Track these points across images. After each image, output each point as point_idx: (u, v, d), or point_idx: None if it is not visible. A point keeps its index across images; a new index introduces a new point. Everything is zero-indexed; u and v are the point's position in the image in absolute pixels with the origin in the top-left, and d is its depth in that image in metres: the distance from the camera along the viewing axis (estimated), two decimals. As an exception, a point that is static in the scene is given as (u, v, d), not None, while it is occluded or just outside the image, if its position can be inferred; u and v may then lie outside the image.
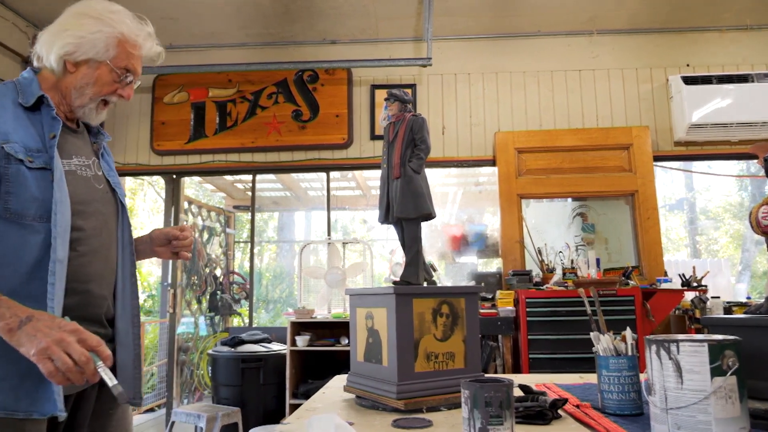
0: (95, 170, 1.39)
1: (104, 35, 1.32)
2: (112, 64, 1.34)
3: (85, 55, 1.32)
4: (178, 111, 4.80)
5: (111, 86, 1.36)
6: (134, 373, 1.39)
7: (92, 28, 1.32)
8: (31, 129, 1.25)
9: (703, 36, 4.64)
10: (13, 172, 1.19)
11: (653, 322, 3.72)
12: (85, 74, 1.33)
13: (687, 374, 0.95)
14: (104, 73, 1.34)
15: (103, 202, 1.38)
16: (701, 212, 12.18)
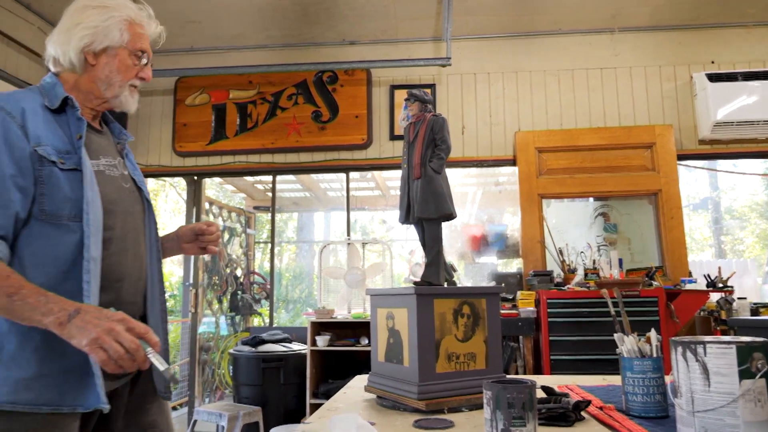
0: (121, 170, 1.41)
1: (115, 20, 1.35)
2: (129, 48, 1.37)
3: (102, 44, 1.34)
4: (199, 113, 4.85)
5: (133, 70, 1.39)
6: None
7: (101, 17, 1.34)
8: (59, 131, 1.27)
9: (727, 32, 4.56)
10: (47, 174, 1.21)
11: (678, 323, 3.66)
12: (106, 63, 1.35)
13: (714, 376, 0.94)
14: (124, 58, 1.36)
15: (131, 201, 1.40)
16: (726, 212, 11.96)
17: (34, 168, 1.21)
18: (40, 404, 1.16)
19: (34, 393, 1.16)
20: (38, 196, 1.21)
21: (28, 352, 1.17)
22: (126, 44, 1.36)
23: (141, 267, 1.40)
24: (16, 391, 1.15)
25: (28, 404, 1.15)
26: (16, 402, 1.15)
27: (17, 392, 1.15)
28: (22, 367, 1.16)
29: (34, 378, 1.16)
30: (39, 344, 1.17)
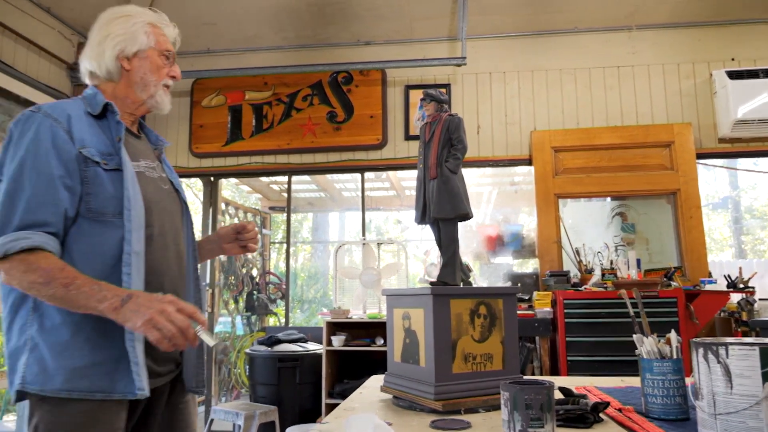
0: (160, 172, 1.51)
1: (139, 26, 1.46)
2: (157, 49, 1.48)
3: (133, 48, 1.44)
4: (215, 114, 4.89)
5: (164, 69, 1.49)
6: (197, 363, 1.49)
7: (127, 24, 1.45)
8: (102, 135, 1.37)
9: (748, 29, 4.49)
10: (92, 174, 1.30)
11: (697, 324, 3.61)
12: (140, 66, 1.46)
13: (737, 379, 0.92)
14: (155, 59, 1.47)
15: (169, 201, 1.49)
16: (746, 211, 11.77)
17: (80, 169, 1.29)
18: (93, 391, 1.24)
19: (88, 381, 1.24)
20: (85, 195, 1.30)
21: (81, 342, 1.25)
22: (154, 46, 1.47)
23: (181, 264, 1.49)
24: (71, 379, 1.23)
25: (82, 391, 1.23)
26: (72, 389, 1.22)
27: (72, 380, 1.23)
28: (75, 357, 1.24)
29: (87, 366, 1.24)
30: (90, 335, 1.25)
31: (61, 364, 1.23)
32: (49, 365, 1.23)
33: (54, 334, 1.25)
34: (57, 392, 1.22)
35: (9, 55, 3.88)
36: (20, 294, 1.27)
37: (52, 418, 1.23)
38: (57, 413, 1.23)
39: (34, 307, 1.26)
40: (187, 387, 1.49)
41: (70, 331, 1.25)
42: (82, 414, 1.23)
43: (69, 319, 1.25)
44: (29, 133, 1.28)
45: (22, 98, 4.03)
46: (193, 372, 1.49)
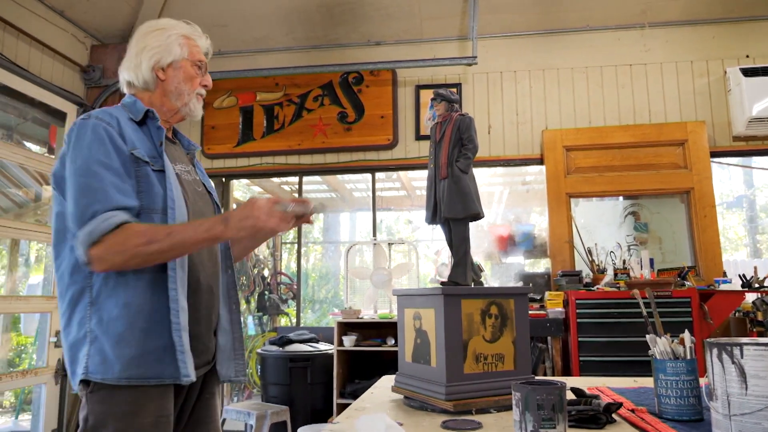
0: (194, 175, 1.60)
1: (174, 38, 1.55)
2: (190, 59, 1.56)
3: (168, 59, 1.53)
4: (227, 115, 4.92)
5: (197, 78, 1.58)
6: (233, 354, 1.57)
7: (162, 37, 1.54)
8: (145, 140, 1.46)
9: (763, 25, 4.43)
10: (143, 173, 1.40)
11: (712, 324, 3.57)
12: (174, 75, 1.54)
13: (752, 379, 0.91)
14: (188, 69, 1.56)
15: (203, 203, 1.58)
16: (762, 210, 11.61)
17: (134, 168, 1.39)
18: (148, 377, 1.33)
19: (143, 368, 1.33)
20: (138, 193, 1.39)
21: (136, 333, 1.33)
22: (187, 57, 1.56)
23: (214, 261, 1.56)
24: (128, 367, 1.31)
25: (138, 378, 1.32)
26: (130, 377, 1.31)
27: (129, 368, 1.31)
28: (132, 346, 1.32)
29: (141, 355, 1.33)
30: (143, 326, 1.34)
31: (118, 353, 1.31)
32: (109, 355, 1.31)
33: (112, 327, 1.33)
34: (117, 380, 1.31)
35: (23, 57, 3.93)
36: (78, 289, 1.35)
37: (103, 408, 1.31)
38: (107, 404, 1.31)
39: (91, 302, 1.34)
40: (224, 377, 1.55)
41: (125, 324, 1.33)
42: (130, 402, 1.31)
43: (125, 312, 1.33)
44: (87, 135, 1.37)
45: (37, 101, 4.07)
46: (229, 362, 1.55)
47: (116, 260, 1.29)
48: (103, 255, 1.28)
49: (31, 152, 4.18)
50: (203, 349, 1.49)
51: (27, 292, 4.88)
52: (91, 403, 1.32)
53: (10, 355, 5.19)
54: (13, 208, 4.54)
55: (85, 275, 1.35)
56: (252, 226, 1.30)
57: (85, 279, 1.35)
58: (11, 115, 4.06)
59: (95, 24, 4.41)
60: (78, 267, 1.36)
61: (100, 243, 1.28)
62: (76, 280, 1.36)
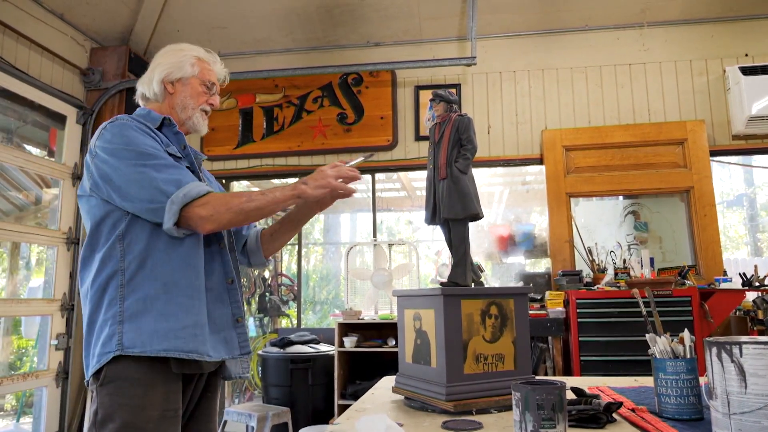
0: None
1: (187, 58, 1.68)
2: (199, 78, 1.68)
3: (177, 75, 1.66)
4: (227, 117, 4.92)
5: (204, 96, 1.69)
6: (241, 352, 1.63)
7: (177, 56, 1.68)
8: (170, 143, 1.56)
9: (762, 24, 4.43)
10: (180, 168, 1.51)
11: (712, 323, 3.57)
12: (182, 90, 1.66)
13: (751, 378, 0.91)
14: (196, 86, 1.67)
15: None
16: (762, 208, 11.60)
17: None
18: (188, 351, 1.41)
19: (182, 341, 1.41)
20: None
21: (174, 308, 1.42)
22: (197, 75, 1.67)
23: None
24: (166, 339, 1.39)
25: (180, 351, 1.40)
26: (169, 349, 1.39)
27: (166, 341, 1.39)
28: (170, 321, 1.41)
29: (182, 329, 1.42)
30: (180, 301, 1.43)
31: (158, 327, 1.40)
32: (149, 329, 1.39)
33: (150, 303, 1.41)
34: (157, 352, 1.38)
35: (23, 61, 3.93)
36: (110, 273, 1.43)
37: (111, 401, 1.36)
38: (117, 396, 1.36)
39: (123, 283, 1.42)
40: (234, 374, 1.63)
41: (166, 299, 1.42)
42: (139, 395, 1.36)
43: (164, 289, 1.43)
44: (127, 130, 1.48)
45: (36, 104, 4.08)
46: (236, 360, 1.61)
47: (225, 217, 1.43)
48: (213, 213, 1.41)
49: (31, 155, 4.18)
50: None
51: (28, 295, 4.88)
52: (101, 396, 1.37)
53: (11, 359, 5.19)
54: (14, 211, 4.55)
55: (116, 260, 1.44)
56: (327, 184, 1.49)
57: (117, 263, 1.43)
58: (11, 118, 4.06)
59: (95, 27, 4.42)
60: (112, 253, 1.44)
61: (202, 205, 1.41)
62: (108, 264, 1.44)
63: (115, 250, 1.44)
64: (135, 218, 1.46)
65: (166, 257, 1.45)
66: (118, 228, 1.45)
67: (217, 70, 1.74)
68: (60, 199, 4.21)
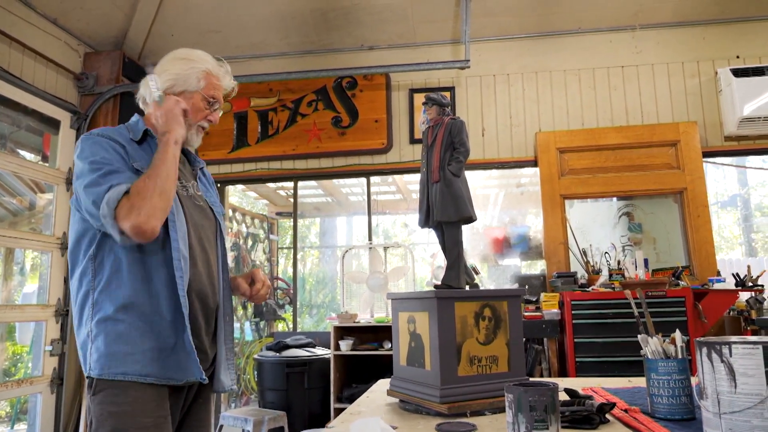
0: (194, 191, 1.65)
1: (195, 71, 1.61)
2: (204, 93, 1.62)
3: (181, 88, 1.60)
4: (221, 121, 4.86)
5: (203, 112, 1.64)
6: (228, 364, 1.62)
7: (185, 67, 1.61)
8: (145, 157, 1.52)
9: (753, 26, 4.47)
10: None
11: (706, 323, 3.58)
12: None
13: (741, 377, 0.92)
14: (197, 102, 1.62)
15: (201, 217, 1.61)
16: (756, 209, 11.66)
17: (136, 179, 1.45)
18: (144, 375, 1.38)
19: (140, 365, 1.38)
20: None
21: (131, 330, 1.40)
22: (201, 90, 1.62)
23: (210, 273, 1.59)
24: (124, 364, 1.38)
25: (134, 375, 1.38)
26: (126, 373, 1.37)
27: (125, 365, 1.37)
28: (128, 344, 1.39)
29: (137, 353, 1.39)
30: (138, 324, 1.40)
31: (115, 350, 1.38)
32: (107, 352, 1.38)
33: (111, 326, 1.40)
34: (114, 375, 1.37)
35: (16, 66, 3.92)
36: (85, 291, 1.44)
37: (103, 408, 1.37)
38: (108, 404, 1.36)
39: (93, 303, 1.42)
40: (224, 386, 1.59)
41: (125, 322, 1.40)
42: (130, 403, 1.36)
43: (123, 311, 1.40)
44: (89, 143, 1.46)
45: (30, 109, 4.07)
46: (226, 372, 1.60)
47: (141, 216, 1.34)
48: (134, 220, 1.33)
49: (25, 160, 4.17)
50: (203, 357, 1.53)
51: (22, 301, 4.86)
52: (94, 404, 1.39)
53: (5, 365, 5.17)
54: (8, 216, 4.54)
55: (89, 278, 1.44)
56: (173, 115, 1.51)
57: (89, 282, 1.44)
58: (5, 123, 4.05)
59: (89, 32, 4.41)
60: (86, 271, 1.45)
61: (122, 208, 1.34)
62: (83, 284, 1.45)
63: (88, 269, 1.45)
64: (105, 237, 1.44)
65: (129, 277, 1.42)
66: (92, 247, 1.45)
67: (225, 84, 1.70)
68: (54, 204, 4.20)
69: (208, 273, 1.58)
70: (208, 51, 1.72)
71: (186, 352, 1.43)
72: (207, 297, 1.55)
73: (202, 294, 1.53)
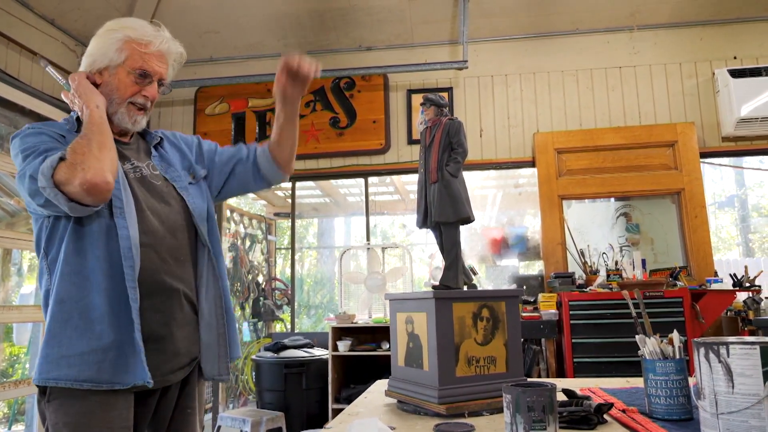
0: (150, 170, 1.51)
1: (111, 42, 1.43)
2: (127, 67, 1.43)
3: (100, 64, 1.44)
4: (219, 122, 4.92)
5: (133, 87, 1.45)
6: (219, 351, 1.50)
7: (103, 40, 1.44)
8: None
9: (750, 27, 4.48)
10: None
11: (703, 324, 3.59)
12: (107, 82, 1.44)
13: (738, 378, 0.92)
14: (122, 77, 1.43)
15: (158, 197, 1.47)
16: (753, 209, 11.69)
17: None
18: (81, 381, 1.27)
19: (76, 370, 1.27)
20: None
21: (69, 331, 1.29)
22: (123, 63, 1.43)
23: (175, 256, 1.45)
24: (58, 368, 1.28)
25: (69, 380, 1.27)
26: (58, 378, 1.27)
27: (59, 369, 1.27)
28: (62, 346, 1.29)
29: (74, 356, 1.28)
30: (77, 323, 1.29)
31: (48, 353, 1.29)
32: (43, 354, 1.29)
33: (49, 327, 1.30)
34: (46, 381, 1.28)
35: (13, 66, 3.91)
36: (45, 291, 1.35)
37: (56, 418, 1.28)
38: (61, 413, 1.27)
39: (45, 304, 1.34)
40: (208, 375, 1.49)
41: (58, 322, 1.30)
42: (83, 412, 1.27)
43: (57, 309, 1.30)
44: (20, 139, 1.36)
45: (27, 109, 4.06)
46: (213, 360, 1.49)
47: (88, 171, 1.23)
48: (81, 176, 1.23)
49: (22, 161, 4.16)
50: (173, 351, 1.41)
51: (19, 302, 4.86)
52: (48, 412, 1.30)
53: (3, 366, 5.16)
54: (5, 217, 4.53)
55: (46, 278, 1.36)
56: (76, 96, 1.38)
57: (47, 281, 1.36)
58: (2, 123, 4.04)
59: (86, 32, 4.40)
60: (43, 270, 1.37)
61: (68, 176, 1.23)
62: (42, 284, 1.37)
63: (44, 269, 1.36)
64: (54, 230, 1.35)
65: (67, 270, 1.31)
66: (42, 243, 1.36)
67: (159, 48, 1.46)
68: (51, 204, 4.19)
69: (175, 258, 1.44)
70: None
71: (134, 351, 1.29)
72: (172, 285, 1.41)
73: (162, 283, 1.39)
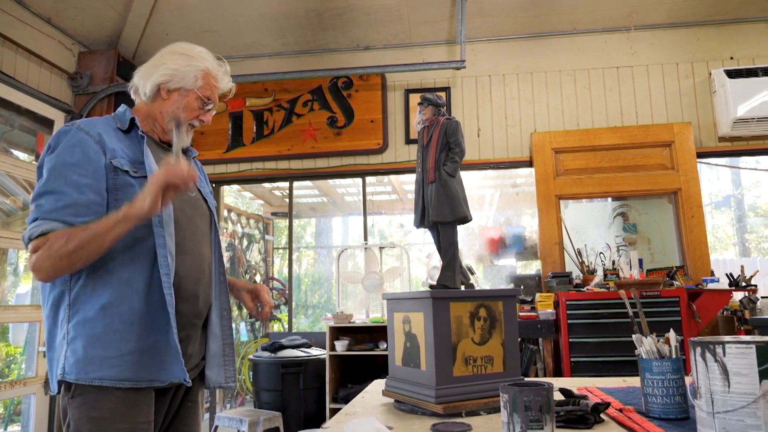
0: None
1: (194, 69, 1.56)
2: (199, 93, 1.56)
3: (177, 84, 1.55)
4: (216, 121, 4.90)
5: (196, 112, 1.58)
6: (223, 360, 1.58)
7: (184, 63, 1.55)
8: (132, 147, 1.49)
9: (747, 27, 4.49)
10: (122, 182, 1.42)
11: (700, 323, 3.60)
12: (176, 101, 1.55)
13: (734, 377, 0.93)
14: (192, 101, 1.56)
15: (192, 208, 1.57)
16: (750, 209, 11.72)
17: (110, 177, 1.41)
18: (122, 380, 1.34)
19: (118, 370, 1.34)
20: (113, 201, 1.39)
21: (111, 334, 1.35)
22: (197, 89, 1.56)
23: (201, 267, 1.55)
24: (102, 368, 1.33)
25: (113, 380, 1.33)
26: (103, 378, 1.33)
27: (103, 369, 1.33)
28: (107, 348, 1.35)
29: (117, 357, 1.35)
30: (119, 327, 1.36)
31: (93, 354, 1.34)
32: (84, 356, 1.33)
33: (89, 328, 1.35)
34: (90, 380, 1.33)
35: (10, 65, 3.90)
36: (59, 293, 1.38)
37: (81, 413, 1.33)
38: (86, 408, 1.32)
39: (69, 304, 1.37)
40: (214, 383, 1.55)
41: (102, 325, 1.35)
42: (109, 408, 1.33)
43: (101, 313, 1.35)
44: (63, 143, 1.41)
45: (24, 108, 4.05)
46: (219, 368, 1.56)
47: (45, 265, 1.31)
48: (36, 263, 1.31)
49: (18, 160, 4.15)
50: (190, 353, 1.51)
51: (15, 302, 4.84)
52: (72, 408, 1.34)
53: (-1, 366, 5.14)
54: (1, 216, 4.51)
55: (64, 279, 1.38)
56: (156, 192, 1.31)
57: (64, 282, 1.38)
58: (-2, 123, 4.03)
59: (83, 31, 4.39)
60: None
61: (32, 252, 1.31)
62: (57, 284, 1.39)
63: None
64: None
65: (107, 277, 1.37)
66: None
67: (223, 85, 1.64)
68: (48, 204, 4.17)
69: (200, 268, 1.53)
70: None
71: (171, 351, 1.39)
72: (197, 293, 1.51)
73: (191, 290, 1.49)
